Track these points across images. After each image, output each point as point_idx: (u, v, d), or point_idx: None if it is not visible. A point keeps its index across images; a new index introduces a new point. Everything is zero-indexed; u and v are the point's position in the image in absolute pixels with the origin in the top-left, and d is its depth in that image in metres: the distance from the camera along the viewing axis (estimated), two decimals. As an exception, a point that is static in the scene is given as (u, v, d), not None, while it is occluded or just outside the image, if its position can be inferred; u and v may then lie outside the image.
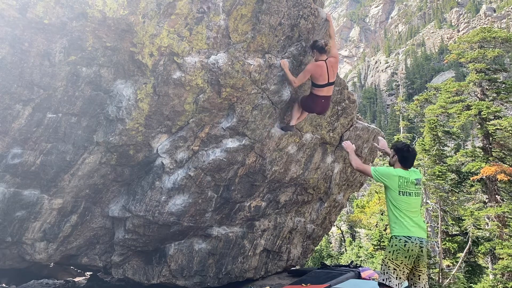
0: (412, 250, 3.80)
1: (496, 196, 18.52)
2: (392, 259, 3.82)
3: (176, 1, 4.28)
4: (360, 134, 7.40)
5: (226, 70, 4.82)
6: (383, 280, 3.83)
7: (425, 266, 3.94)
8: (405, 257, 3.79)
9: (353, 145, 4.73)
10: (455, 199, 20.25)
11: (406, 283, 3.98)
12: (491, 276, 17.69)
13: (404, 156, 4.15)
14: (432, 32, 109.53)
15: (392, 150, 4.31)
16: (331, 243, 33.32)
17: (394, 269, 3.79)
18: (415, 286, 3.90)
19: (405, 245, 3.80)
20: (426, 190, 20.52)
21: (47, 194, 4.87)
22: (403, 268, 3.80)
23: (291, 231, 7.69)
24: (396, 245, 3.84)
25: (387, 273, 3.82)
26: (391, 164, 4.30)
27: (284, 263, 8.00)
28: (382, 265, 3.93)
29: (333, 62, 5.21)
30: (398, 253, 3.80)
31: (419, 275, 3.90)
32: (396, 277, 3.77)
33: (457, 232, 19.76)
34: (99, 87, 4.41)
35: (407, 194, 3.96)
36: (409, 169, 4.15)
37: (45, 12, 3.74)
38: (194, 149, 5.37)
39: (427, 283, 3.96)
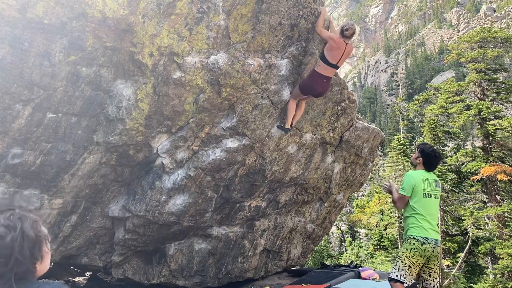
0: (428, 250, 3.88)
1: (496, 196, 18.52)
2: (409, 256, 3.89)
3: (176, 1, 4.28)
4: (360, 134, 7.40)
5: (226, 70, 4.82)
6: (397, 276, 3.87)
7: (437, 264, 4.02)
8: (421, 256, 3.88)
9: (394, 185, 4.43)
10: (455, 199, 20.25)
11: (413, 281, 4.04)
12: (491, 276, 17.68)
13: (431, 161, 4.18)
14: (432, 32, 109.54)
15: (417, 151, 4.30)
16: (331, 243, 33.32)
17: (410, 266, 3.87)
18: (426, 283, 3.96)
19: (422, 245, 3.88)
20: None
21: (47, 194, 4.87)
22: (416, 266, 3.89)
23: (291, 231, 7.69)
24: (414, 244, 3.90)
25: (402, 269, 3.88)
26: (413, 164, 4.31)
27: (284, 263, 8.00)
28: (397, 261, 3.98)
29: (349, 50, 5.28)
30: (416, 252, 3.88)
31: (430, 273, 3.98)
32: (409, 274, 3.86)
33: (457, 232, 19.77)
34: (99, 87, 4.41)
35: (429, 196, 4.00)
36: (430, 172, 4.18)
37: (45, 12, 3.74)
38: (194, 149, 5.37)
39: (439, 282, 4.02)
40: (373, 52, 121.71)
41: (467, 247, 18.54)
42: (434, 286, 3.98)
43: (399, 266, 3.91)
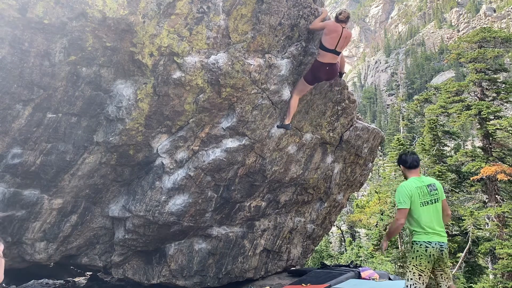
0: (433, 254, 3.90)
1: (496, 196, 18.51)
2: (416, 265, 3.92)
3: (176, 1, 4.28)
4: (360, 134, 7.40)
5: (226, 70, 4.82)
6: (407, 286, 3.92)
7: (448, 266, 4.04)
8: (428, 262, 3.90)
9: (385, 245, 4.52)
10: (455, 199, 20.24)
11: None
12: (491, 276, 17.68)
13: (406, 159, 4.23)
14: (432, 32, 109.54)
15: (397, 166, 4.48)
16: (331, 243, 33.30)
17: (420, 275, 3.89)
18: (439, 286, 4.00)
19: (426, 250, 3.90)
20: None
21: (47, 194, 4.87)
22: (427, 272, 3.91)
23: (291, 231, 7.69)
24: (418, 250, 3.93)
25: (412, 279, 3.91)
26: (405, 177, 4.35)
27: (284, 263, 8.00)
28: (407, 271, 4.03)
29: (347, 34, 5.25)
30: (421, 258, 3.91)
31: (441, 274, 4.02)
32: (423, 283, 3.88)
33: (457, 232, 19.75)
34: (99, 87, 4.42)
35: (427, 204, 4.00)
36: (420, 175, 4.20)
37: (45, 12, 3.74)
38: (194, 149, 5.37)
39: (450, 280, 4.05)
40: (373, 52, 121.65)
41: (467, 247, 18.52)
42: (449, 286, 4.03)
43: (408, 276, 3.97)
